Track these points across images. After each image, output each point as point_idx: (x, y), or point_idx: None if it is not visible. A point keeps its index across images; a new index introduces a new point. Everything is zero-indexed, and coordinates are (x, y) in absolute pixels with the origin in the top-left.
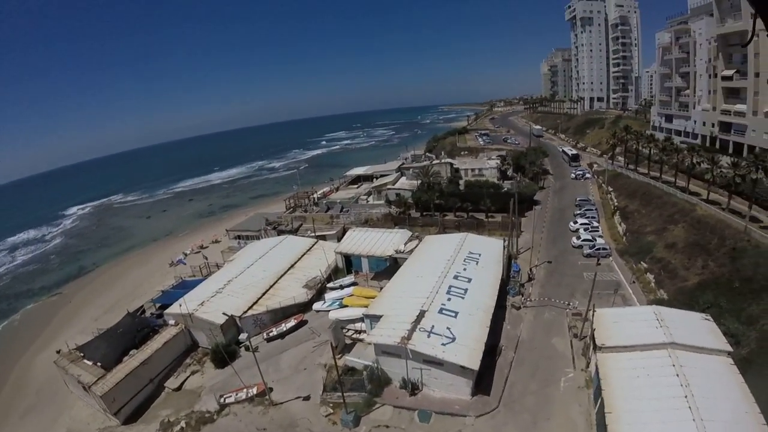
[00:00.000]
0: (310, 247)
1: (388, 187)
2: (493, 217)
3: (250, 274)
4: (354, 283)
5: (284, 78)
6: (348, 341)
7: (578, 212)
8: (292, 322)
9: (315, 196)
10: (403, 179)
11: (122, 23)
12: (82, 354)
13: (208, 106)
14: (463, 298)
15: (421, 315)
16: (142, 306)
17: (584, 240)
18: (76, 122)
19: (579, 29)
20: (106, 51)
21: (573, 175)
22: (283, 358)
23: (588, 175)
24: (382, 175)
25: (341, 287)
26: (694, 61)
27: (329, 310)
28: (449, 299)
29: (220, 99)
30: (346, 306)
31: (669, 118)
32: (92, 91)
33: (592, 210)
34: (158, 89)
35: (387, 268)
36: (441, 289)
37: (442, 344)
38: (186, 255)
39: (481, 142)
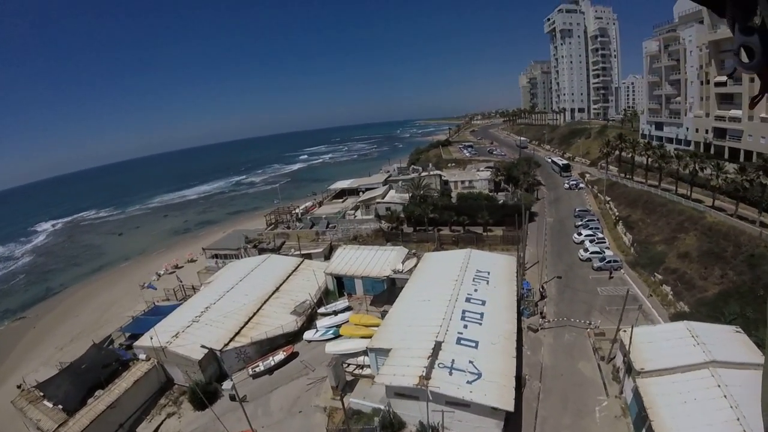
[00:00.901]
0: (296, 267)
1: (377, 200)
2: (491, 230)
3: (230, 299)
4: (348, 308)
5: (261, 94)
6: (348, 377)
7: (580, 223)
8: (281, 355)
9: (297, 211)
10: (392, 192)
11: (82, 36)
12: (42, 394)
13: (183, 122)
14: (480, 324)
15: (438, 347)
16: (110, 336)
17: (593, 252)
18: (50, 136)
19: (559, 41)
20: (75, 62)
21: (567, 185)
22: (273, 399)
23: (581, 185)
24: (368, 189)
25: (335, 313)
26: (684, 68)
27: (323, 341)
28: (465, 326)
29: (195, 114)
30: (342, 336)
31: (659, 126)
32: (61, 105)
33: (594, 221)
34: (133, 103)
35: (384, 290)
36: (454, 315)
37: (468, 382)
38: (159, 276)
39: (467, 154)
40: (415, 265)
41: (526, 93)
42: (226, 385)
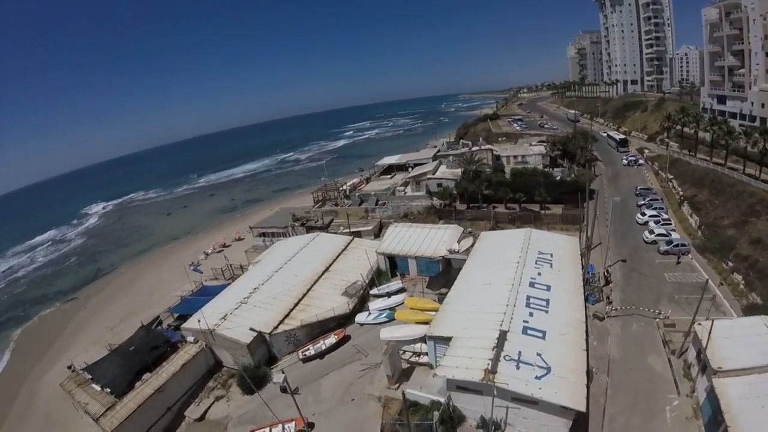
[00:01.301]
0: (346, 246)
1: (428, 176)
2: (548, 209)
3: (278, 279)
4: (402, 289)
5: (303, 70)
6: (404, 364)
7: (642, 203)
8: (332, 339)
9: (345, 187)
10: (443, 168)
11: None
12: (90, 376)
13: (227, 103)
14: (546, 311)
15: (503, 337)
16: (158, 317)
17: (658, 235)
18: (96, 121)
19: (608, 10)
20: (109, 47)
21: (625, 161)
22: (324, 385)
23: (641, 162)
24: (417, 164)
25: (388, 295)
26: (747, 38)
27: (376, 324)
28: (531, 314)
29: (239, 94)
30: (396, 320)
31: (722, 100)
32: (108, 88)
33: (657, 200)
34: (177, 85)
35: (439, 271)
36: (518, 301)
37: (537, 377)
38: (207, 255)
39: (518, 128)
40: (472, 245)
41: (575, 65)
42: (277, 377)
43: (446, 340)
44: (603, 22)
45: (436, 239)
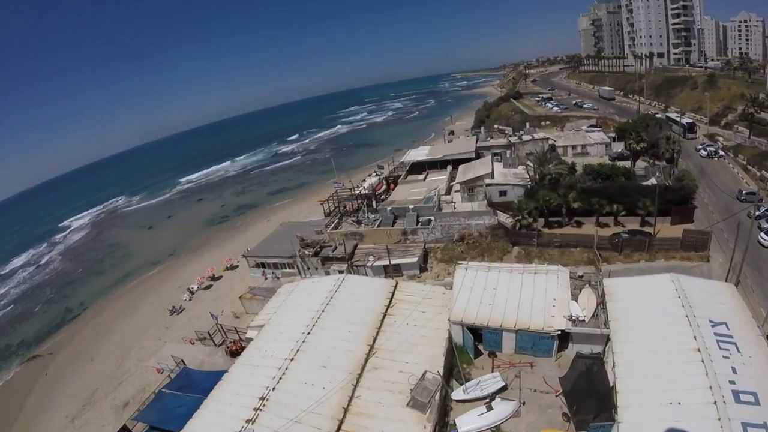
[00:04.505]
0: (390, 298)
1: (487, 181)
2: (648, 223)
3: (298, 374)
4: (504, 388)
5: (283, 58)
6: None
7: (758, 213)
8: None
9: (362, 189)
10: (499, 167)
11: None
12: None
13: (205, 97)
14: None
15: None
16: (123, 427)
17: None
18: (64, 127)
19: None
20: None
21: (703, 153)
22: None
23: (721, 153)
24: (456, 161)
25: (489, 401)
26: None
27: None
28: None
29: (218, 87)
30: None
31: None
32: (77, 89)
33: None
34: (152, 82)
35: (550, 351)
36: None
37: None
38: (192, 294)
39: (556, 109)
40: (600, 305)
41: (588, 37)
42: None
43: None
44: None
45: (537, 293)
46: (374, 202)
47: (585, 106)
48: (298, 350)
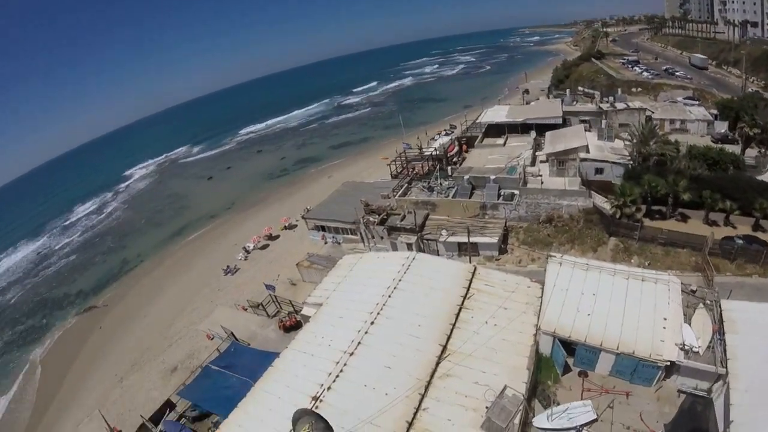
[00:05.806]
0: (468, 287)
1: (582, 155)
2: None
3: (359, 370)
4: (594, 420)
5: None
6: None
7: None
8: None
9: (433, 150)
10: (594, 140)
11: None
12: None
13: (267, 46)
14: None
15: None
16: (167, 401)
17: None
18: (137, 74)
19: None
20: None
21: None
22: None
23: None
24: (539, 125)
25: None
26: None
27: None
28: None
29: (278, 38)
30: None
31: None
32: (143, 43)
33: None
34: (218, 28)
35: (653, 381)
36: None
37: None
38: (248, 253)
39: (645, 74)
40: (719, 334)
41: None
42: None
43: None
44: None
45: (645, 307)
46: (447, 166)
47: (678, 74)
48: (359, 343)
